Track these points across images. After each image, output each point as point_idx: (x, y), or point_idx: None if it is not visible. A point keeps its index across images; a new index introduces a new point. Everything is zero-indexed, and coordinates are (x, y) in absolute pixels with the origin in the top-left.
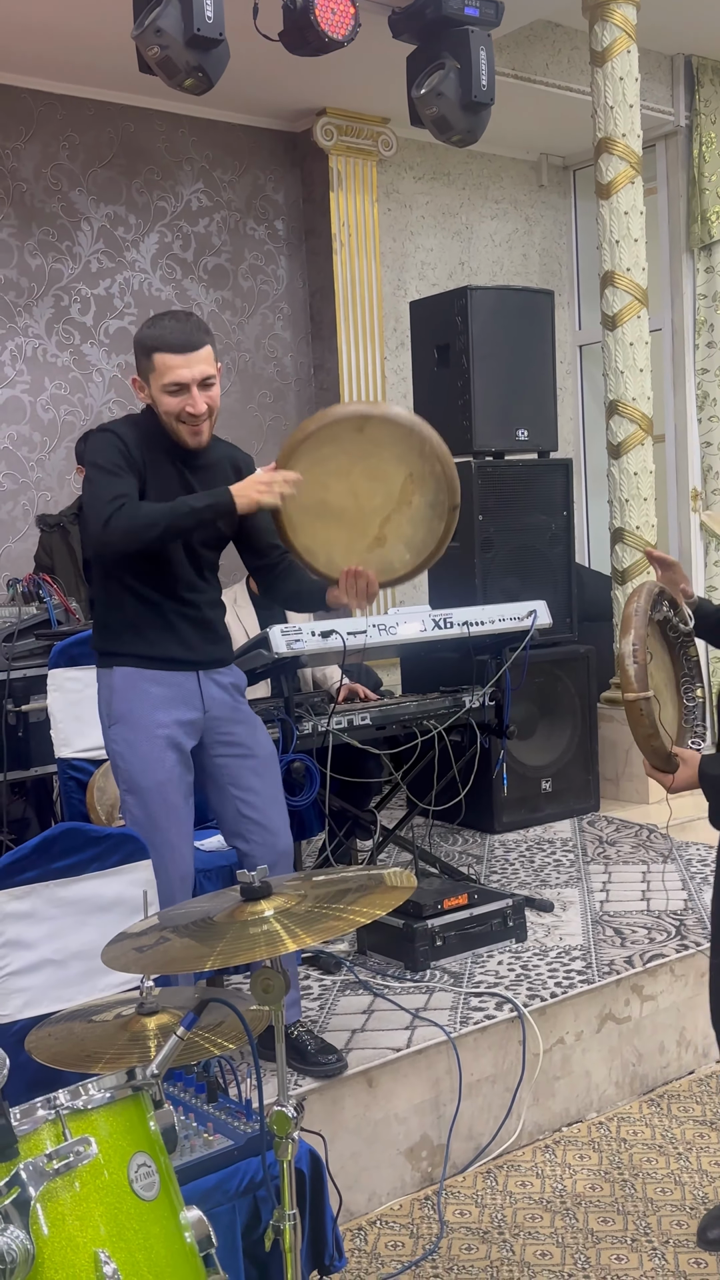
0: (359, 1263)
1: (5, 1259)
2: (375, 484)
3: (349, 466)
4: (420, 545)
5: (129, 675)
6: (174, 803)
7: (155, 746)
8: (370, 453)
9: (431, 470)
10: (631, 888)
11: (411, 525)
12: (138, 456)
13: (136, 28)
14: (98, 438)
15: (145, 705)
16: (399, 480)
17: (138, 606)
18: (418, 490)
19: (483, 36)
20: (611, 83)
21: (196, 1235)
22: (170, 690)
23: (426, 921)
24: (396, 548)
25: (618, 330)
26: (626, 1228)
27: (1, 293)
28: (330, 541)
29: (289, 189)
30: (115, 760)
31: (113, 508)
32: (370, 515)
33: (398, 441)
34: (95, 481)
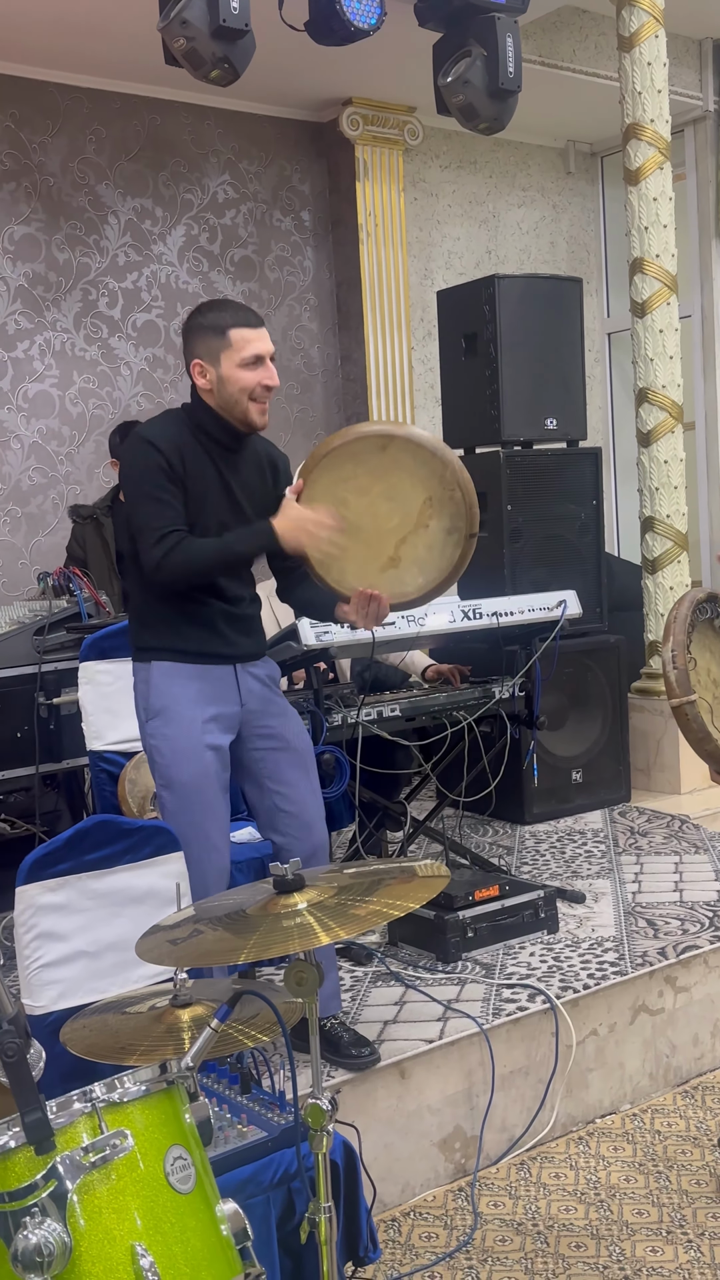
0: (393, 1254)
1: (43, 1252)
2: (393, 504)
3: (369, 485)
4: (434, 570)
5: (167, 670)
6: (211, 798)
7: (193, 741)
8: (391, 473)
9: (451, 496)
10: (664, 879)
11: (427, 549)
12: (177, 465)
13: (162, 20)
14: (140, 454)
15: (183, 699)
16: (417, 503)
17: (177, 602)
18: (435, 515)
19: (509, 23)
20: (639, 68)
21: (233, 1228)
22: (208, 684)
23: (458, 913)
24: (410, 570)
25: (647, 317)
26: (661, 1220)
27: (30, 287)
28: (345, 559)
29: (315, 179)
30: (153, 755)
31: (165, 548)
32: (386, 535)
33: (420, 464)
34: (140, 509)
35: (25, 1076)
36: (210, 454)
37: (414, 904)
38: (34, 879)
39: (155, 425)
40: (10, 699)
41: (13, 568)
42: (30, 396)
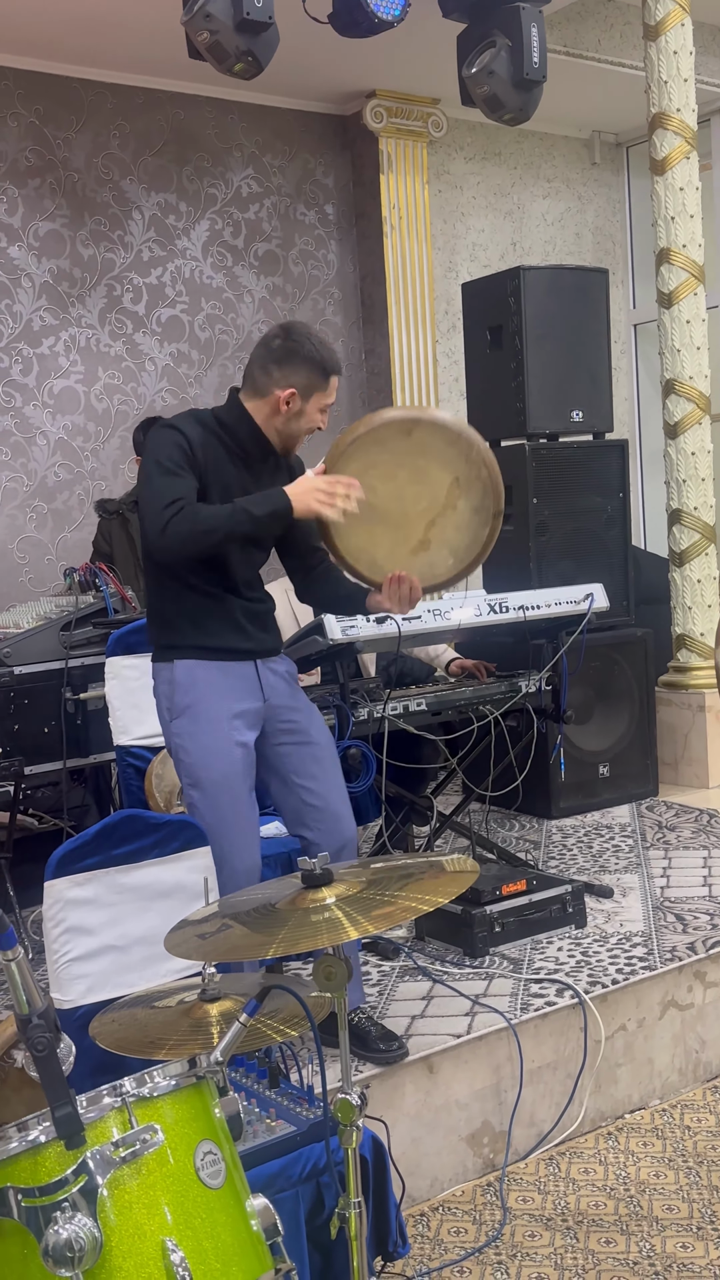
0: (422, 1249)
1: (74, 1247)
2: (421, 488)
3: (395, 470)
4: (464, 550)
5: (190, 667)
6: (239, 795)
7: (220, 738)
8: (417, 457)
9: (478, 475)
10: (692, 873)
11: (456, 530)
12: (200, 456)
13: (186, 13)
14: (162, 433)
15: (209, 697)
16: (445, 484)
17: (195, 598)
18: (463, 495)
19: (534, 13)
20: (665, 57)
21: (263, 1223)
22: (232, 680)
23: (485, 907)
24: (440, 552)
25: (674, 308)
26: (691, 1215)
27: (55, 283)
28: (374, 545)
29: (339, 173)
30: (178, 755)
31: (171, 512)
32: (415, 519)
33: (445, 446)
34: (153, 481)
35: (55, 1071)
36: (234, 458)
37: (443, 899)
38: (62, 873)
39: (182, 417)
40: (37, 694)
41: (39, 563)
42: (56, 392)
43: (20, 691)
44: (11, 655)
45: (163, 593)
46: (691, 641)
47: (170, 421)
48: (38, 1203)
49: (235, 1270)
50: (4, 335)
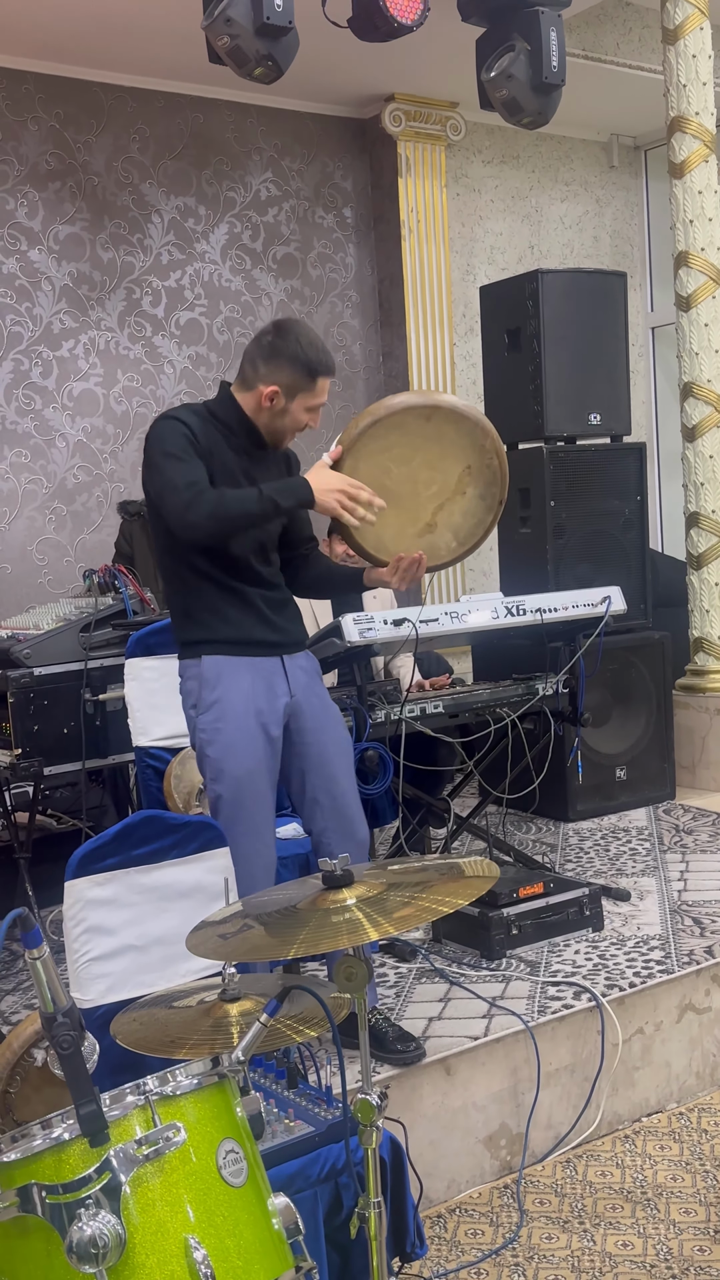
0: (439, 1250)
1: (97, 1244)
2: (433, 473)
3: (411, 454)
4: (467, 534)
5: (218, 663)
6: (264, 791)
7: (246, 733)
8: (433, 442)
9: (488, 464)
10: (710, 877)
11: (462, 515)
12: (202, 442)
13: (206, 18)
14: (163, 424)
15: (236, 692)
16: (457, 471)
17: (217, 591)
18: (473, 482)
19: (553, 17)
20: (684, 60)
21: (284, 1222)
22: (259, 676)
23: (502, 910)
24: (444, 535)
25: (692, 311)
26: (709, 1219)
27: (75, 286)
28: (383, 525)
29: (357, 176)
30: (204, 749)
31: (192, 493)
32: (425, 502)
33: (461, 435)
34: (165, 468)
35: (80, 1069)
36: (232, 445)
37: (462, 901)
38: (83, 873)
39: (180, 410)
40: (57, 695)
41: (58, 565)
42: (75, 395)
43: (40, 692)
44: (31, 656)
45: (184, 589)
46: (709, 645)
47: (168, 413)
48: (62, 1200)
49: (257, 1268)
50: (24, 338)
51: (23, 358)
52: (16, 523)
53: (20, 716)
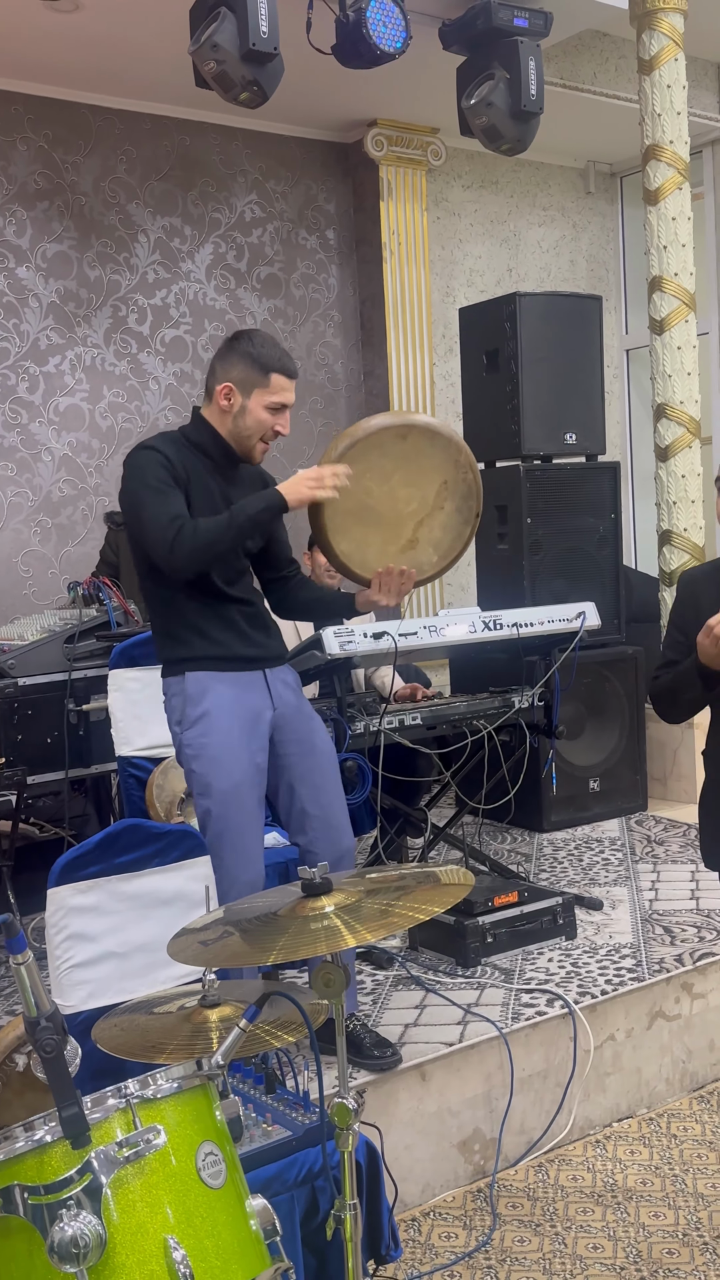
0: (413, 1253)
1: (79, 1244)
2: (412, 489)
3: (390, 472)
4: (447, 548)
5: (201, 679)
6: (249, 805)
7: (232, 749)
8: (410, 460)
9: (464, 478)
10: (680, 887)
11: (442, 529)
12: (180, 470)
13: (193, 43)
14: (141, 455)
15: (221, 707)
16: (434, 487)
17: (196, 610)
18: (450, 497)
19: (532, 47)
20: (659, 90)
21: (262, 1223)
22: (243, 691)
23: (477, 918)
24: (426, 550)
25: (665, 334)
26: (678, 1222)
27: (62, 303)
28: (366, 543)
29: (340, 199)
30: (190, 765)
31: (173, 530)
32: (406, 519)
33: (436, 451)
34: (147, 503)
35: (62, 1072)
36: (209, 469)
37: (439, 908)
38: (65, 881)
39: (156, 439)
40: (41, 705)
41: (43, 577)
42: (61, 410)
43: (24, 702)
44: (16, 667)
45: (164, 609)
46: None
47: (145, 444)
48: (43, 1200)
49: (235, 1268)
50: (11, 354)
51: (10, 373)
52: (2, 535)
53: (4, 726)
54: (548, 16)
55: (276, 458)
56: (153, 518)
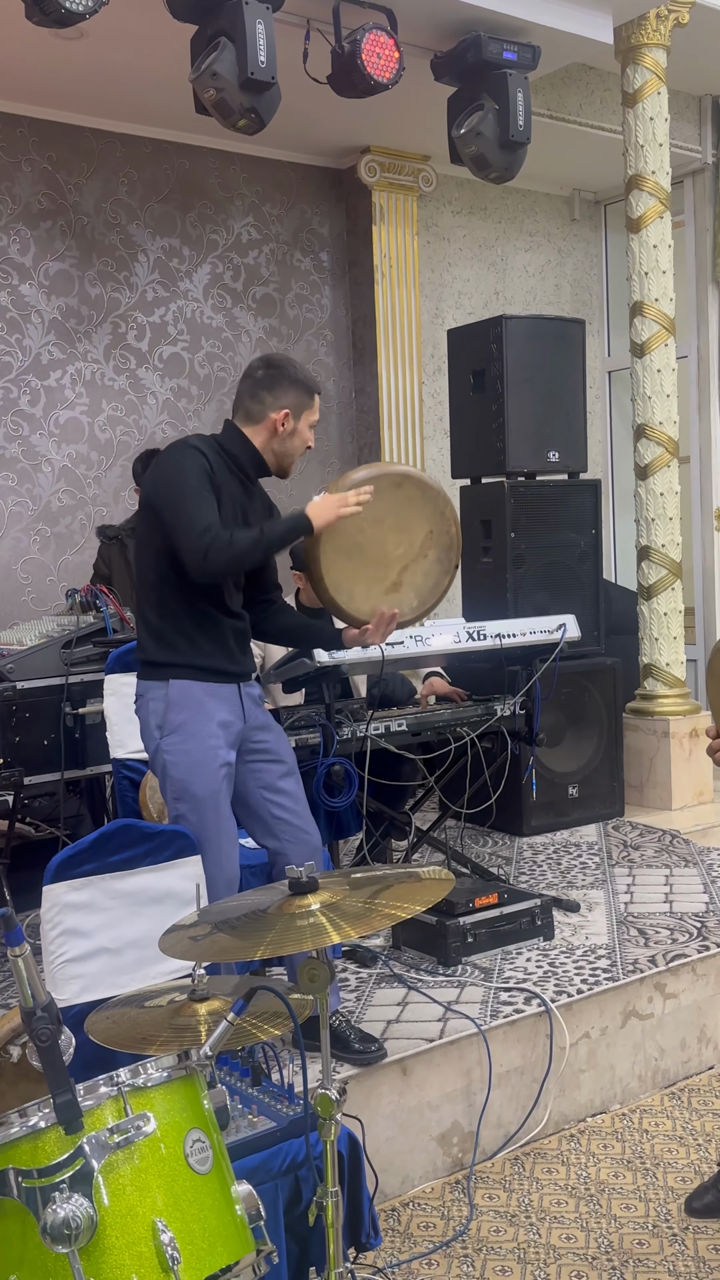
0: (393, 1242)
1: (70, 1225)
2: (401, 535)
3: (383, 516)
4: (426, 594)
5: (185, 687)
6: (223, 809)
7: (209, 755)
8: (403, 507)
9: (447, 530)
10: (655, 890)
11: (424, 576)
12: (216, 477)
13: (194, 71)
14: (188, 454)
15: (200, 716)
16: (421, 535)
17: (194, 620)
18: (434, 546)
19: (520, 79)
20: (642, 122)
21: (246, 1208)
22: (220, 701)
23: (459, 919)
24: (408, 594)
25: (646, 357)
26: (648, 1214)
27: (63, 320)
28: (353, 581)
29: (334, 222)
30: (167, 770)
31: (210, 536)
32: (393, 563)
33: (426, 502)
34: (187, 502)
35: (57, 1060)
36: (236, 480)
37: (421, 906)
38: (60, 878)
39: (197, 440)
40: (38, 709)
41: (42, 584)
42: (61, 423)
43: (22, 705)
44: (14, 671)
45: (163, 612)
46: (658, 671)
47: (191, 443)
48: (37, 1184)
49: (220, 1250)
50: (14, 368)
51: (12, 386)
52: (2, 543)
53: (2, 728)
54: (535, 50)
55: None
56: (191, 519)
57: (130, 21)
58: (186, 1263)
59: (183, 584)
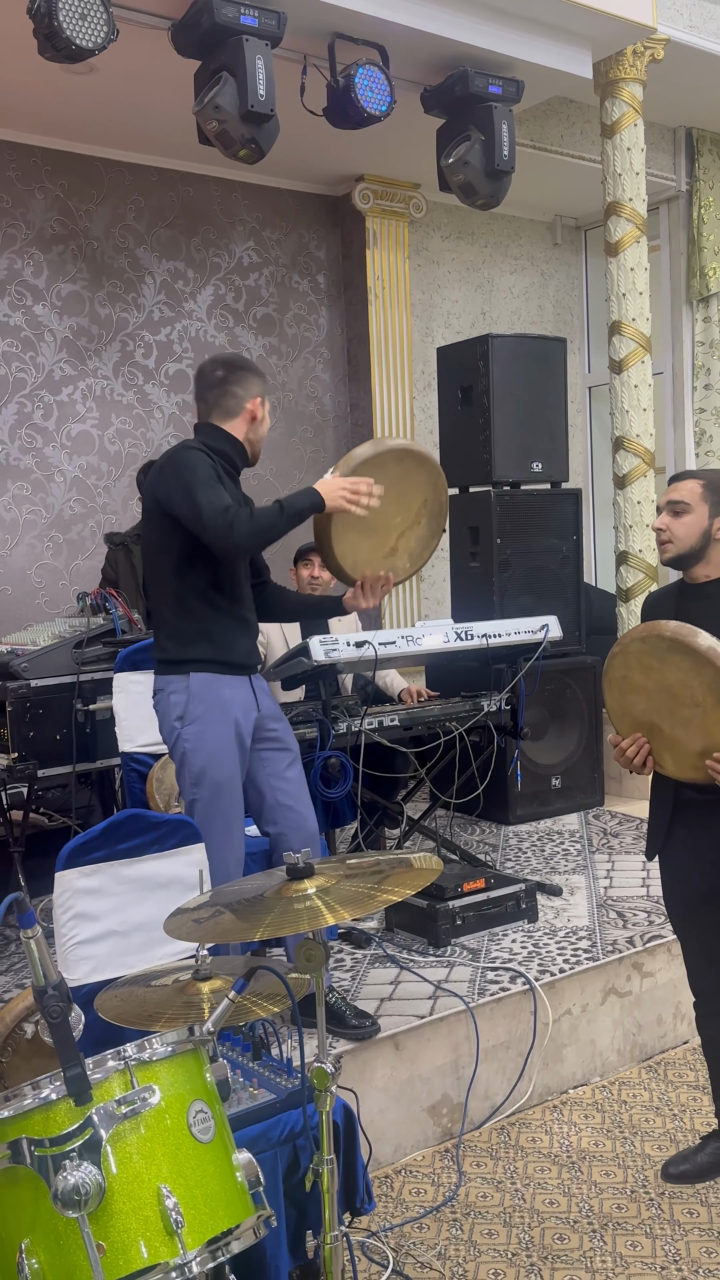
0: (386, 1207)
1: (80, 1192)
2: (399, 504)
3: (386, 489)
4: (416, 556)
5: (206, 680)
6: (237, 795)
7: (227, 743)
8: (402, 479)
9: (439, 499)
10: (632, 875)
11: (417, 541)
12: (218, 473)
13: (197, 104)
14: (192, 454)
15: (219, 706)
16: (416, 504)
17: (212, 616)
18: (427, 514)
19: (505, 111)
20: (620, 152)
21: (246, 1175)
22: (236, 693)
23: (448, 902)
24: (401, 558)
25: (624, 374)
26: (626, 1180)
27: (75, 339)
28: (357, 549)
29: (330, 247)
30: (188, 758)
31: (230, 516)
32: (391, 530)
33: (423, 474)
34: (200, 491)
35: (67, 1036)
36: (228, 475)
37: (410, 890)
38: (72, 865)
39: (196, 441)
40: (51, 705)
41: (54, 587)
42: (73, 435)
43: (36, 702)
44: (29, 669)
45: (181, 611)
46: None
47: (191, 444)
48: (49, 1152)
49: (221, 1214)
50: (28, 384)
51: (26, 401)
52: (17, 549)
53: (17, 724)
54: (519, 84)
55: (268, 480)
56: (209, 503)
57: (137, 57)
58: (190, 1226)
59: (197, 583)
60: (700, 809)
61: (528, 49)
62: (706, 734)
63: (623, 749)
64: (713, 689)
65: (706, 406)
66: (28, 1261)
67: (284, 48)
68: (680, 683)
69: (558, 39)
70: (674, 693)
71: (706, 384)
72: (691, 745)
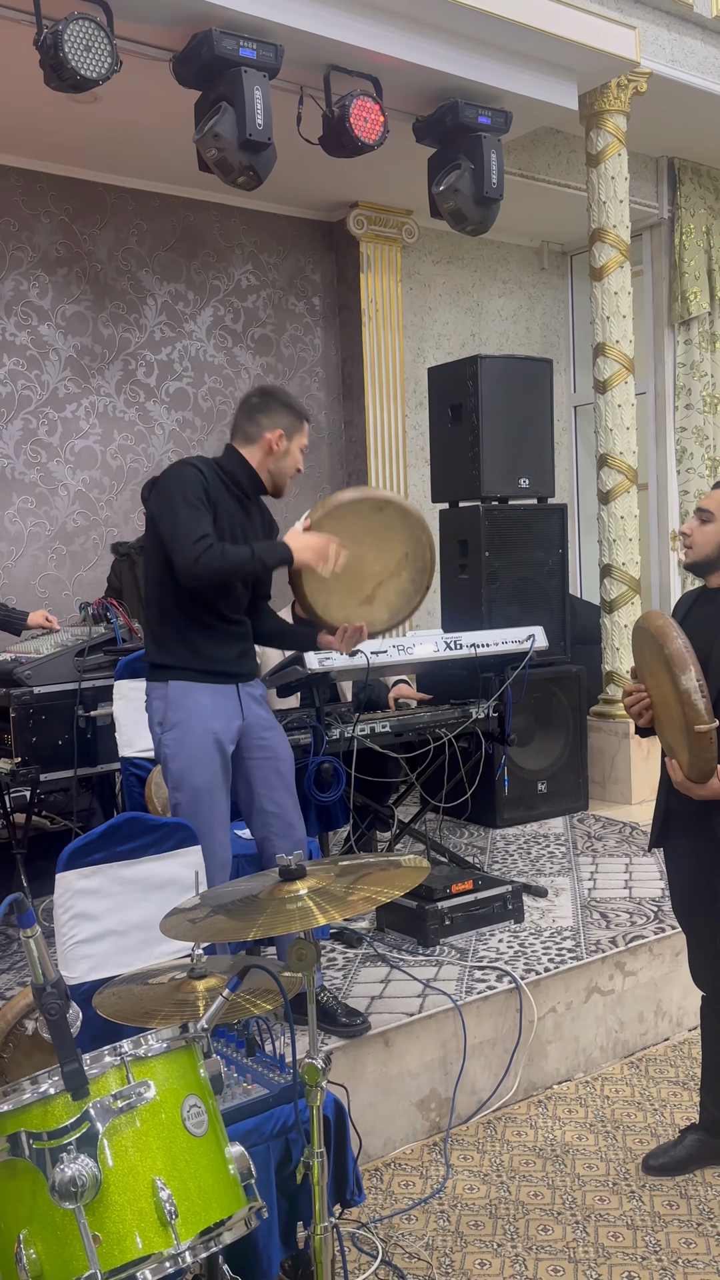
0: (375, 1199)
1: (76, 1184)
2: (378, 554)
3: (362, 536)
4: (395, 611)
5: (184, 687)
6: (218, 800)
7: (205, 750)
8: (382, 529)
9: (422, 555)
10: (616, 877)
11: (397, 594)
12: (212, 494)
13: (197, 133)
14: (185, 470)
15: (197, 713)
16: (397, 556)
17: (192, 625)
18: (408, 568)
19: (494, 141)
20: (604, 181)
21: (239, 1168)
22: (218, 700)
23: (437, 903)
24: (379, 609)
25: (608, 393)
26: (609, 1173)
27: (78, 358)
28: (330, 591)
29: (325, 270)
30: (167, 762)
31: (202, 547)
32: (369, 579)
33: (405, 527)
34: (180, 513)
35: (65, 1033)
36: (233, 498)
37: (399, 891)
38: (72, 867)
39: (197, 459)
40: (53, 711)
41: (58, 597)
42: (76, 451)
43: (38, 709)
44: (32, 677)
45: (163, 618)
46: (619, 677)
47: (190, 461)
48: (46, 1145)
49: (214, 1206)
50: (33, 401)
51: (31, 417)
52: (22, 560)
53: (20, 729)
54: (508, 115)
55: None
56: (186, 527)
57: (140, 87)
58: (183, 1217)
59: (181, 592)
60: (684, 818)
61: (516, 81)
62: (678, 740)
63: (633, 699)
64: (676, 693)
65: (687, 425)
66: (26, 1251)
67: (281, 79)
68: (666, 687)
69: (545, 72)
70: (663, 690)
71: (688, 404)
72: (678, 747)
